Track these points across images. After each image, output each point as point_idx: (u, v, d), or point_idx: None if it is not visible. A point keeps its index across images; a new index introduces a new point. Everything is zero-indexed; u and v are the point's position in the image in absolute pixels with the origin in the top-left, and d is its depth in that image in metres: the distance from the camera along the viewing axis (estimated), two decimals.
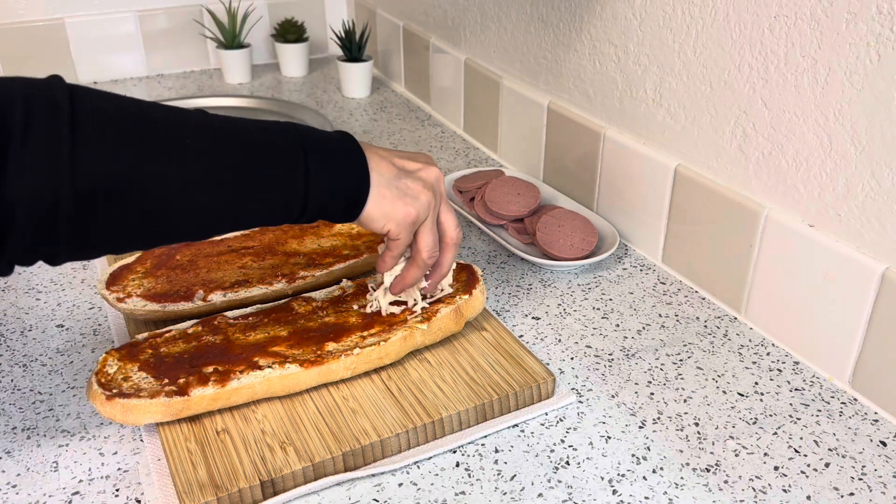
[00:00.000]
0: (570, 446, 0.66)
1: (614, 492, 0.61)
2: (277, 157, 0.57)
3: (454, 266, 0.75)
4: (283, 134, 0.59)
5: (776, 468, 0.64)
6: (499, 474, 0.63)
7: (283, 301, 0.77)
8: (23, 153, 0.48)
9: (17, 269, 0.91)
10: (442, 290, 0.75)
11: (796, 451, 0.66)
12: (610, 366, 0.76)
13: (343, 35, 1.48)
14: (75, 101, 0.50)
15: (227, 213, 0.57)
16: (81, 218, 0.50)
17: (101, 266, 0.92)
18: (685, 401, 0.71)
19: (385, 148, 0.66)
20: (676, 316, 0.83)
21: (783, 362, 0.76)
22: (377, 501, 0.61)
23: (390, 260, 0.68)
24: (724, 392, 0.72)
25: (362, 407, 0.67)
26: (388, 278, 0.71)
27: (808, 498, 0.61)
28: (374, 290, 0.75)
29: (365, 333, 0.71)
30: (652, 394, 0.72)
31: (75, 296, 0.87)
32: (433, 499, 0.61)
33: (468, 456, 0.65)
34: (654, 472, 0.63)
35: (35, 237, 0.50)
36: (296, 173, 0.58)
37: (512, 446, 0.66)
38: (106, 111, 0.52)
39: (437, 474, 0.63)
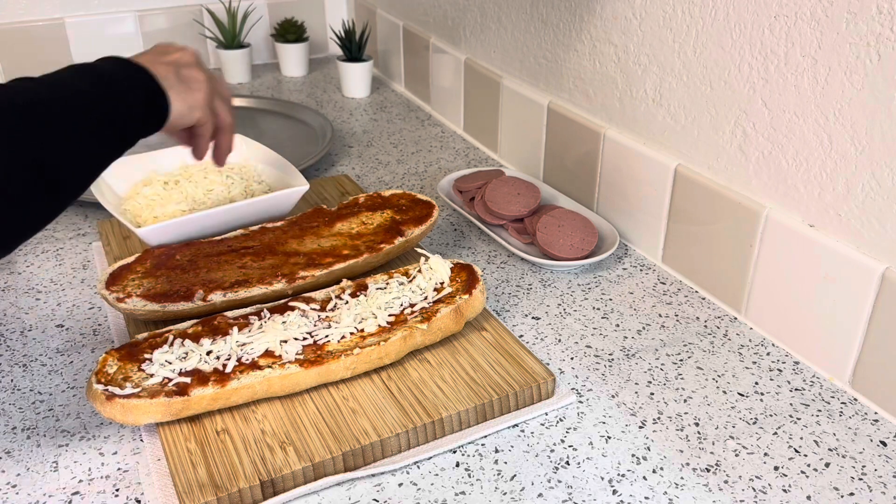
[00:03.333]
0: (570, 446, 0.66)
1: (614, 492, 0.61)
2: (101, 105, 0.62)
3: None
4: (95, 76, 0.63)
5: (776, 468, 0.64)
6: (499, 474, 0.63)
7: (282, 301, 0.77)
8: None
9: (18, 269, 0.91)
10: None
11: (796, 451, 0.66)
12: (610, 366, 0.76)
13: (343, 35, 1.48)
14: None
15: (90, 151, 0.61)
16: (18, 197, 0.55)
17: (101, 266, 0.92)
18: (685, 401, 0.71)
19: (144, 55, 0.71)
20: (676, 316, 0.83)
21: (783, 362, 0.76)
22: (377, 501, 0.61)
23: (205, 143, 0.77)
24: (724, 392, 0.72)
25: (362, 407, 0.67)
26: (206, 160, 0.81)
27: (808, 498, 0.61)
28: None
29: (363, 331, 0.71)
30: (652, 394, 0.72)
31: (75, 296, 0.87)
32: (433, 499, 0.61)
33: (468, 456, 0.65)
34: (654, 472, 0.63)
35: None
36: (118, 116, 0.63)
37: (512, 446, 0.66)
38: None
39: (437, 474, 0.63)
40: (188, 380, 0.65)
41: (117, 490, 0.62)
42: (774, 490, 0.62)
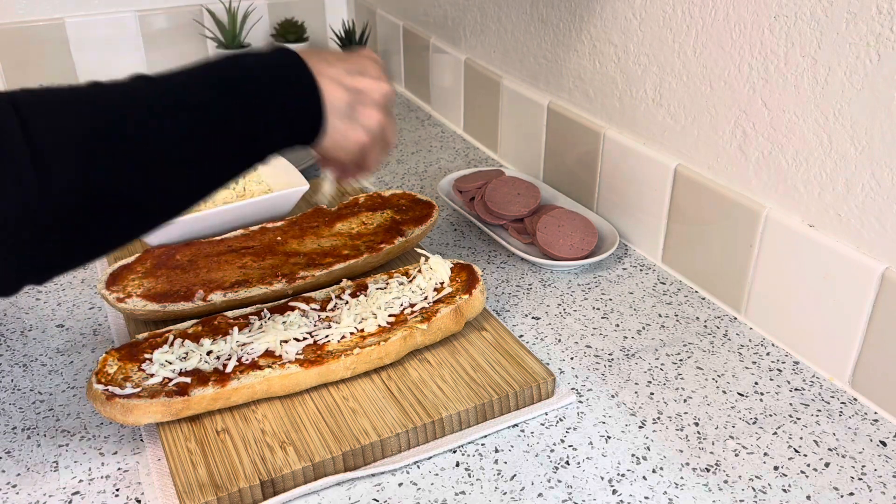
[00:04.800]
0: (570, 446, 0.66)
1: (614, 492, 0.62)
2: (231, 116, 0.54)
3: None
4: (227, 85, 0.55)
5: (776, 468, 0.64)
6: (499, 474, 0.63)
7: (282, 301, 0.77)
8: None
9: None
10: None
11: (796, 450, 0.66)
12: (610, 366, 0.76)
13: (343, 35, 1.48)
14: (25, 122, 0.45)
15: (196, 183, 0.54)
16: (61, 236, 0.48)
17: (101, 266, 0.92)
18: (685, 401, 0.71)
19: (331, 54, 0.61)
20: (676, 316, 0.83)
21: (783, 362, 0.76)
22: (377, 501, 0.61)
23: (331, 174, 0.70)
24: (724, 392, 0.72)
25: (362, 407, 0.67)
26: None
27: (808, 498, 0.61)
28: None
29: (363, 331, 0.72)
30: (652, 394, 0.72)
31: (75, 296, 0.87)
32: (433, 499, 0.61)
33: (468, 456, 0.65)
34: (654, 471, 0.63)
35: (21, 261, 0.47)
36: (253, 124, 0.55)
37: (512, 446, 0.66)
38: (56, 118, 0.47)
39: (437, 474, 0.63)
40: (188, 380, 0.65)
41: (117, 490, 0.62)
42: (774, 490, 0.62)
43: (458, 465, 0.64)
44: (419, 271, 0.79)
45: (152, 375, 0.65)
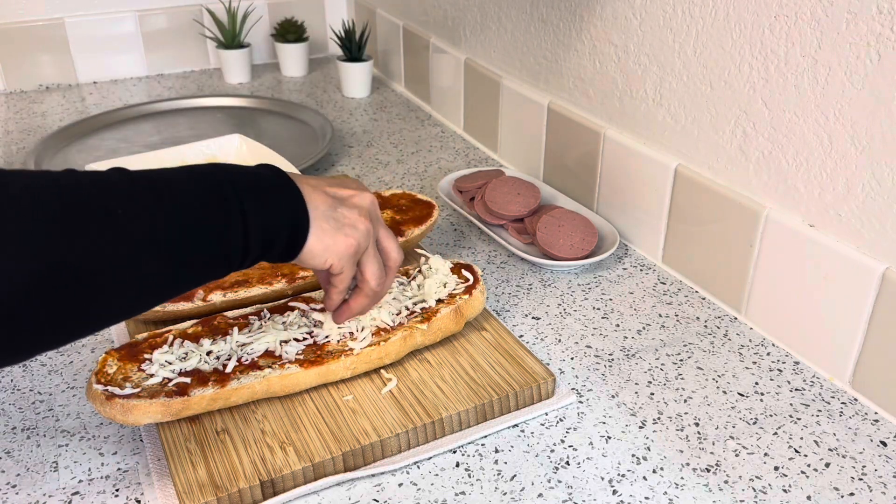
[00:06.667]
0: (570, 446, 0.66)
1: (614, 492, 0.61)
2: (210, 208, 0.53)
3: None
4: (211, 181, 0.54)
5: (776, 468, 0.64)
6: (499, 474, 0.63)
7: (282, 301, 0.77)
8: None
9: None
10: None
11: (796, 451, 0.66)
12: (610, 366, 0.76)
13: (343, 35, 1.48)
14: None
15: (170, 278, 0.52)
16: (14, 323, 0.45)
17: None
18: (685, 401, 0.71)
19: (314, 177, 0.63)
20: (676, 316, 0.83)
21: (783, 362, 0.76)
22: (377, 501, 0.61)
23: (338, 296, 0.65)
24: (724, 392, 0.72)
25: (362, 407, 0.67)
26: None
27: (809, 498, 0.61)
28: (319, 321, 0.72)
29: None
30: (652, 394, 0.72)
31: None
32: (433, 499, 0.61)
33: (468, 456, 0.65)
34: (654, 472, 0.63)
35: None
36: (232, 221, 0.54)
37: (512, 446, 0.66)
38: (19, 201, 0.45)
39: (437, 474, 0.63)
40: (188, 380, 0.65)
41: (117, 490, 0.62)
42: (774, 490, 0.62)
43: (458, 465, 0.64)
44: (419, 271, 0.78)
45: (152, 375, 0.65)
